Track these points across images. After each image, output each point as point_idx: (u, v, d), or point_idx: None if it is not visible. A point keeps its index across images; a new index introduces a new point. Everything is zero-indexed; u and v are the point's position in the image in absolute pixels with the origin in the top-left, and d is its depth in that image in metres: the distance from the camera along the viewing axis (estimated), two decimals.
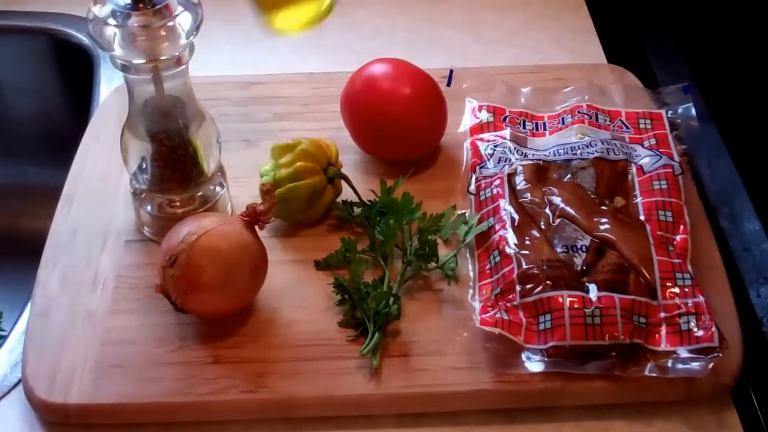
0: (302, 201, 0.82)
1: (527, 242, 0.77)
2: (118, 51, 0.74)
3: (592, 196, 0.81)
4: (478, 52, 1.09)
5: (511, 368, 0.72)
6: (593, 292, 0.73)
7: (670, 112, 0.90)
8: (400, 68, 0.90)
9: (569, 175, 0.82)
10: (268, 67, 0.94)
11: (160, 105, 0.78)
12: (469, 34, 1.11)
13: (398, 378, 0.72)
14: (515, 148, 0.86)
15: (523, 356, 0.72)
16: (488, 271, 0.78)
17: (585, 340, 0.71)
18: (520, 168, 0.83)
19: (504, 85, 0.94)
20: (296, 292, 0.79)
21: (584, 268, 0.75)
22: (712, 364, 0.69)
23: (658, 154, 0.84)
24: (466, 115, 0.92)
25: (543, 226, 0.79)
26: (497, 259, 0.77)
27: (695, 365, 0.70)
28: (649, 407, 0.72)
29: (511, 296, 0.74)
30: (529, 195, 0.81)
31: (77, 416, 0.72)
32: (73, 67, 1.13)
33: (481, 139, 0.88)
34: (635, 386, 0.71)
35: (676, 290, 0.74)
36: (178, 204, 0.83)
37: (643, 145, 0.86)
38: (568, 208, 0.79)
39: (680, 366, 0.70)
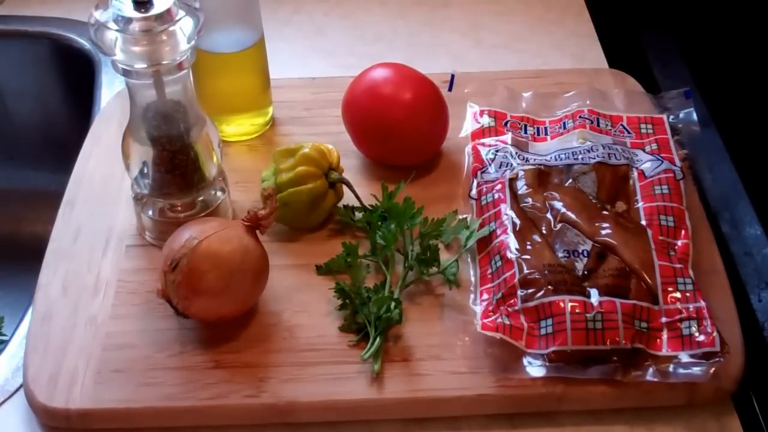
0: (303, 205, 0.82)
1: (528, 247, 0.77)
2: (119, 56, 0.74)
3: (594, 201, 0.81)
4: (480, 56, 1.09)
5: (513, 373, 0.72)
6: (594, 297, 0.73)
7: (671, 116, 0.90)
8: (401, 73, 0.90)
9: (571, 180, 0.82)
10: (270, 71, 0.94)
11: (162, 109, 0.78)
12: (471, 38, 1.12)
13: (399, 383, 0.72)
14: (516, 153, 0.86)
15: (525, 361, 0.72)
16: (489, 276, 0.78)
17: (586, 345, 0.71)
18: (521, 173, 0.83)
19: (505, 90, 0.94)
20: (297, 296, 0.79)
21: (585, 272, 0.75)
22: (713, 368, 0.69)
23: (659, 159, 0.84)
24: (467, 120, 0.92)
25: (544, 231, 0.79)
26: (498, 263, 0.77)
27: (696, 370, 0.70)
28: (651, 412, 0.72)
29: (512, 301, 0.74)
30: (530, 200, 0.81)
31: (78, 421, 0.72)
32: (74, 72, 1.13)
33: (483, 144, 0.88)
34: (636, 391, 0.71)
35: (678, 295, 0.74)
36: (179, 208, 0.84)
37: (644, 150, 0.86)
38: (569, 213, 0.79)
39: (681, 371, 0.70)
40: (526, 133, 0.90)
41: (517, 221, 0.79)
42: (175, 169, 0.80)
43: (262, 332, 0.76)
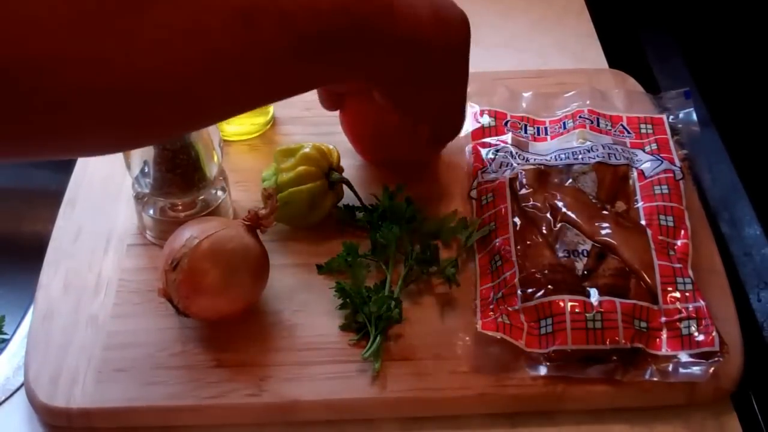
0: (304, 205, 0.82)
1: (529, 247, 0.77)
2: None
3: (594, 201, 0.81)
4: (480, 56, 1.07)
5: (513, 372, 0.72)
6: (594, 297, 0.73)
7: (671, 117, 0.90)
8: None
9: (571, 180, 0.82)
10: None
11: None
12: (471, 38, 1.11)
13: (400, 382, 0.72)
14: (517, 153, 0.86)
15: (525, 360, 0.72)
16: (490, 276, 0.78)
17: (586, 345, 0.71)
18: (521, 173, 0.83)
19: (506, 90, 0.94)
20: (298, 295, 0.79)
21: (585, 272, 0.75)
22: (712, 368, 0.70)
23: (659, 159, 0.84)
24: (467, 120, 0.92)
25: (544, 231, 0.79)
26: (498, 263, 0.78)
27: (696, 369, 0.70)
28: (650, 411, 0.72)
29: (512, 300, 0.74)
30: (530, 200, 0.81)
31: (80, 420, 0.72)
32: None
33: (483, 144, 0.88)
34: (636, 390, 0.71)
35: (677, 295, 0.74)
36: (180, 208, 0.84)
37: (644, 150, 0.86)
38: (569, 213, 0.79)
39: (681, 370, 0.70)
40: (526, 133, 0.90)
41: (517, 221, 0.79)
42: (176, 168, 0.80)
43: (263, 331, 0.77)
